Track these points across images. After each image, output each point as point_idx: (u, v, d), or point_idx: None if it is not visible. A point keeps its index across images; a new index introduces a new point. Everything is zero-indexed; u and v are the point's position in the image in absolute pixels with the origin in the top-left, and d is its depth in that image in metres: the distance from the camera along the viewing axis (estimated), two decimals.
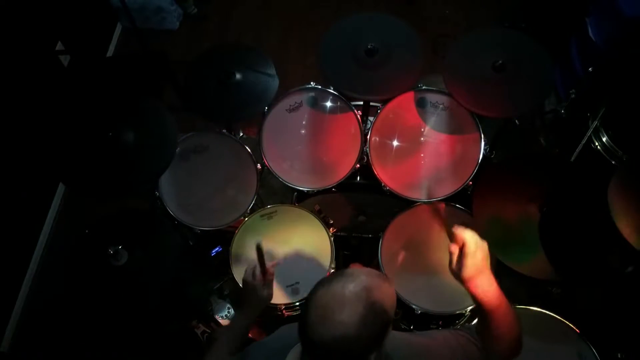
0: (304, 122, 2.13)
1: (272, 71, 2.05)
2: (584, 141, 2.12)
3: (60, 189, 3.08)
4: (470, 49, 1.97)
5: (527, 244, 1.71)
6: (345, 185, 2.10)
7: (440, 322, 1.98)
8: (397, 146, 2.06)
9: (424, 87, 2.05)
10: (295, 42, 3.55)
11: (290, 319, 1.94)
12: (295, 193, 2.24)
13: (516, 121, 2.59)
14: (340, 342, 0.94)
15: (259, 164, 2.08)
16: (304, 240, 2.01)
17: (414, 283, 1.91)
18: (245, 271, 1.47)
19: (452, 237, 1.17)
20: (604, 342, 1.71)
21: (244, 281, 1.47)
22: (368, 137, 2.03)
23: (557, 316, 1.75)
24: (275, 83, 2.03)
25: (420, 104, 2.06)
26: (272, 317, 1.96)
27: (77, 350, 2.59)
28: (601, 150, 2.16)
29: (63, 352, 2.62)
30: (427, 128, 2.06)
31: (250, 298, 1.44)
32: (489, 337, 1.20)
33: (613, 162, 2.12)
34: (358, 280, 0.98)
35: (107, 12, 3.55)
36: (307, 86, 2.11)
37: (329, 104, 2.12)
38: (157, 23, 3.64)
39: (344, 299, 0.95)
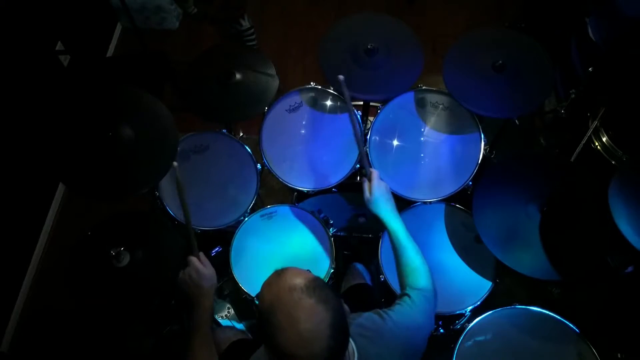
0: (304, 122, 2.13)
1: (272, 71, 2.05)
2: (584, 141, 2.13)
3: (60, 189, 3.08)
4: (470, 49, 1.97)
5: (527, 244, 1.71)
6: (345, 185, 2.10)
7: (441, 322, 1.99)
8: (397, 146, 2.06)
9: (424, 87, 2.05)
10: (295, 42, 3.55)
11: None
12: (295, 193, 2.24)
13: (516, 121, 2.59)
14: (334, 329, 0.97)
15: (259, 164, 2.08)
16: (304, 240, 2.01)
17: None
18: (179, 276, 1.49)
19: (365, 173, 1.61)
20: (604, 342, 1.71)
21: (181, 281, 1.48)
22: (368, 137, 2.03)
23: (557, 316, 1.75)
24: (275, 83, 2.03)
25: (420, 104, 2.07)
26: None
27: (77, 351, 2.59)
28: (601, 150, 2.16)
29: (63, 353, 2.62)
30: (427, 128, 2.06)
31: (198, 286, 1.44)
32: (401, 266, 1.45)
33: (613, 162, 2.12)
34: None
35: (107, 12, 3.55)
36: (307, 86, 2.12)
37: (329, 104, 2.12)
38: (157, 23, 3.64)
39: (300, 318, 0.96)
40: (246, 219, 2.03)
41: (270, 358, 1.04)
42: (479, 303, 1.86)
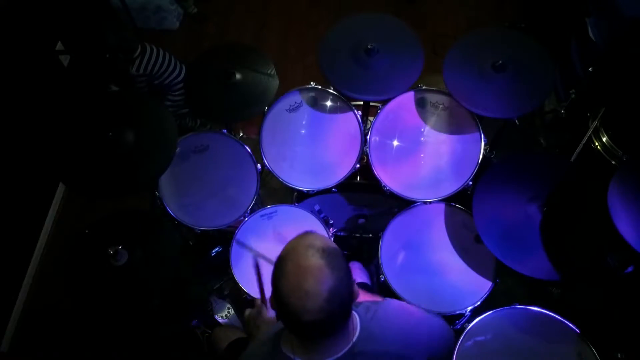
0: (304, 122, 2.13)
1: (272, 71, 2.05)
2: (584, 141, 2.12)
3: (60, 189, 3.08)
4: (470, 49, 1.97)
5: (527, 244, 1.71)
6: (345, 185, 2.10)
7: None
8: (397, 146, 2.06)
9: (424, 87, 2.05)
10: (295, 42, 3.56)
11: None
12: (295, 193, 2.24)
13: (516, 121, 2.59)
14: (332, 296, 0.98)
15: (259, 164, 2.09)
16: None
17: (414, 283, 1.91)
18: (245, 313, 1.50)
19: None
20: (604, 342, 1.71)
21: (246, 317, 1.48)
22: (368, 137, 2.03)
23: (557, 316, 1.75)
24: (275, 83, 2.03)
25: (420, 104, 2.06)
26: None
27: (77, 350, 2.59)
28: (601, 150, 2.16)
29: (63, 352, 2.62)
30: (427, 128, 2.06)
31: (257, 327, 1.45)
32: None
33: (613, 162, 2.12)
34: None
35: (106, 12, 3.55)
36: (307, 86, 2.11)
37: (329, 104, 2.12)
38: (157, 23, 3.65)
39: (306, 272, 0.99)
40: (246, 219, 2.03)
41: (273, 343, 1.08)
42: (479, 303, 1.86)
